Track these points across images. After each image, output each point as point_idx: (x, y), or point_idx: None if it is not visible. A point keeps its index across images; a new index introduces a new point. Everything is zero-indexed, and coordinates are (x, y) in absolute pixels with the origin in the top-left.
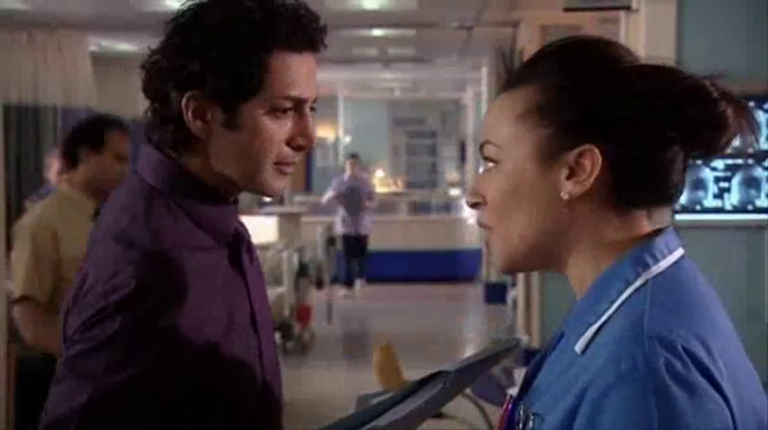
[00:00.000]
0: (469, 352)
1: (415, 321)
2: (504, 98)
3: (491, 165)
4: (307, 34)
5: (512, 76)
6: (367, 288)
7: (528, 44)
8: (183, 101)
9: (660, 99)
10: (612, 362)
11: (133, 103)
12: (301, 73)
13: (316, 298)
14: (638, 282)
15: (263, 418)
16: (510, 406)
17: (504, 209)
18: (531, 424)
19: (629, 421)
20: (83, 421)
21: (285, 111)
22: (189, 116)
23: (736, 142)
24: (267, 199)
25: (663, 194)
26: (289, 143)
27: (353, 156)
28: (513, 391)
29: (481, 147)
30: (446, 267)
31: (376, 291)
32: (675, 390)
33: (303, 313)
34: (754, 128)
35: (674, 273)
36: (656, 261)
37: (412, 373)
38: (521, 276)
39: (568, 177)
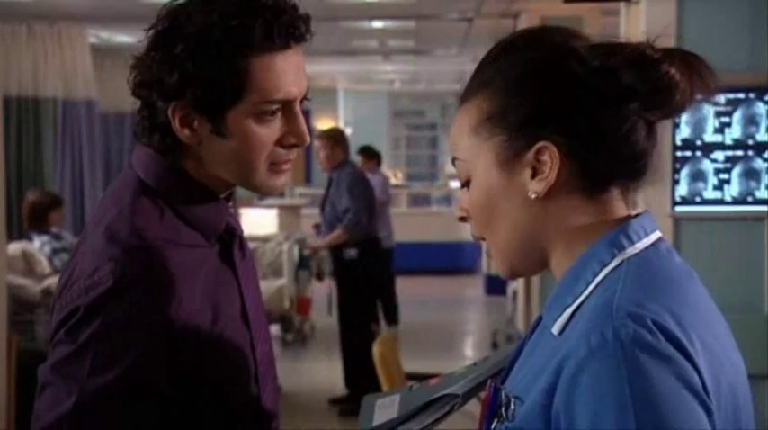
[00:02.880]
0: (470, 343)
1: (415, 313)
2: (461, 113)
3: (465, 179)
4: (287, 29)
5: (464, 91)
6: None
7: None
8: (169, 111)
9: (598, 76)
10: (584, 337)
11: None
12: (286, 72)
13: (316, 290)
14: (614, 264)
15: (259, 412)
16: (492, 390)
17: (485, 220)
18: (512, 406)
19: (603, 393)
20: (71, 426)
21: (273, 113)
22: (176, 125)
23: (738, 134)
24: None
25: (630, 166)
26: (280, 143)
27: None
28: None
29: (453, 163)
30: (446, 259)
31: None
32: (646, 360)
33: (303, 305)
34: (708, 78)
35: (650, 255)
36: (632, 242)
37: (413, 365)
38: None
39: (532, 176)
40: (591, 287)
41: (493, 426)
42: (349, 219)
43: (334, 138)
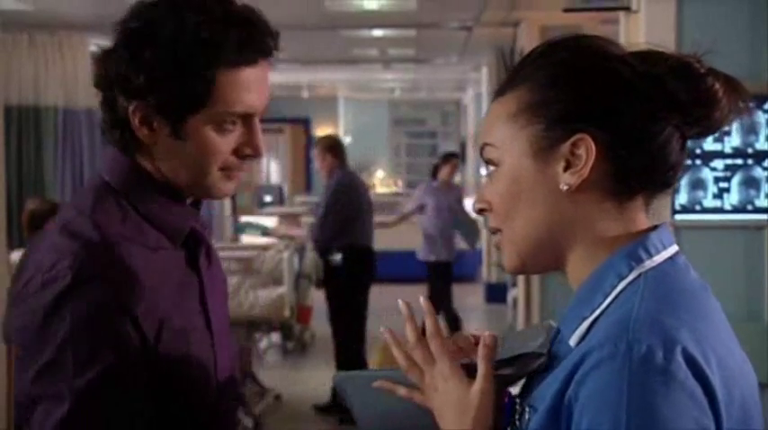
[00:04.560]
0: None
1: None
2: (496, 104)
3: (492, 168)
4: (257, 44)
5: (501, 86)
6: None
7: (528, 45)
8: (130, 109)
9: (644, 80)
10: (597, 347)
11: None
12: (251, 85)
13: (316, 298)
14: (631, 276)
15: (215, 422)
16: (507, 400)
17: (508, 209)
18: (526, 415)
19: (601, 402)
20: (72, 427)
21: (233, 123)
22: (135, 123)
23: (738, 143)
24: (267, 199)
25: (661, 176)
26: (236, 153)
27: (454, 156)
28: (514, 390)
29: (482, 152)
30: None
31: (376, 291)
32: (650, 378)
33: (303, 313)
34: (746, 101)
35: (667, 268)
36: (650, 256)
37: None
38: (521, 276)
39: (565, 169)
40: (609, 299)
41: None
42: (314, 228)
43: (324, 145)
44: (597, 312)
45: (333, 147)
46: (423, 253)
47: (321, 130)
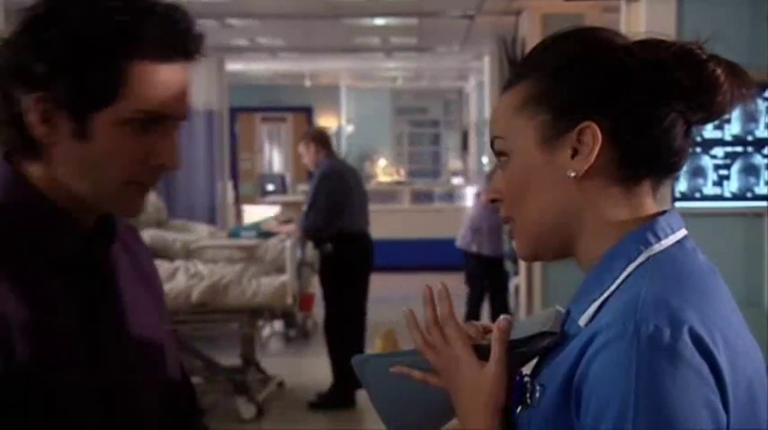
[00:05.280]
0: None
1: (417, 309)
2: (505, 96)
3: (503, 159)
4: (179, 41)
5: (508, 80)
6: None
7: (530, 34)
8: (27, 103)
9: (647, 68)
10: (606, 327)
11: None
12: (169, 85)
13: (318, 286)
14: (640, 259)
15: None
16: (518, 378)
17: (518, 198)
18: (536, 394)
19: (609, 382)
20: None
21: (146, 125)
22: (32, 119)
23: (738, 130)
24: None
25: (666, 161)
26: (148, 162)
27: None
28: (525, 370)
29: (492, 145)
30: (448, 256)
31: (378, 279)
32: (658, 358)
33: (306, 300)
34: (749, 86)
35: (675, 252)
36: (658, 239)
37: None
38: (523, 264)
39: (572, 156)
40: (617, 282)
41: (518, 411)
42: (301, 219)
43: (309, 136)
44: (606, 294)
45: (316, 137)
46: (464, 241)
47: (323, 119)
